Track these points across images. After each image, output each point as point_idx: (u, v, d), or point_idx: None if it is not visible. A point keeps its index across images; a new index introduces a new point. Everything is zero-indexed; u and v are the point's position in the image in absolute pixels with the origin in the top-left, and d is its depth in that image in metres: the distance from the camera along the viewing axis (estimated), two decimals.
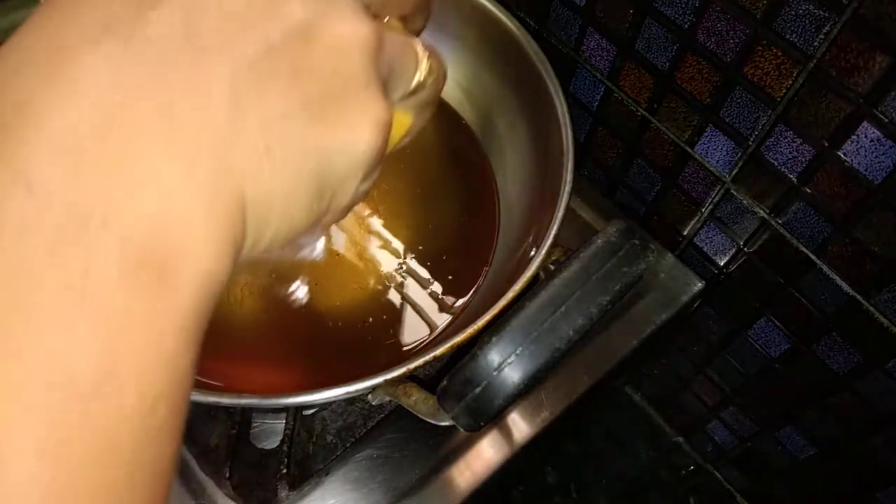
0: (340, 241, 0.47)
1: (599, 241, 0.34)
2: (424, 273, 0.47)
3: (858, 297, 0.44)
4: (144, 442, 0.15)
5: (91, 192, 0.15)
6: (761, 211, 0.47)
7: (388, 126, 0.21)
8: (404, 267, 0.47)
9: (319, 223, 0.22)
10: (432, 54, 0.24)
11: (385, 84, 0.22)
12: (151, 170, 0.16)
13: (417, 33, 0.26)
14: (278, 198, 0.18)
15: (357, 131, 0.20)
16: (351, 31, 0.19)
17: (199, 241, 0.16)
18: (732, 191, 0.48)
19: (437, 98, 0.26)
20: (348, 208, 0.25)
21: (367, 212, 0.49)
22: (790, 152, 0.42)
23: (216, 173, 0.17)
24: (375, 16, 0.22)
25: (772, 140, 0.43)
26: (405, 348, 0.44)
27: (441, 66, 0.25)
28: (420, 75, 0.24)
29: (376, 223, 0.48)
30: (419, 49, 0.24)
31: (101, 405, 0.14)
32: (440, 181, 0.51)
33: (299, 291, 0.45)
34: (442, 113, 0.54)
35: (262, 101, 0.18)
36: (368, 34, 0.19)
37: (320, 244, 0.29)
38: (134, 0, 0.17)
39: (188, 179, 0.16)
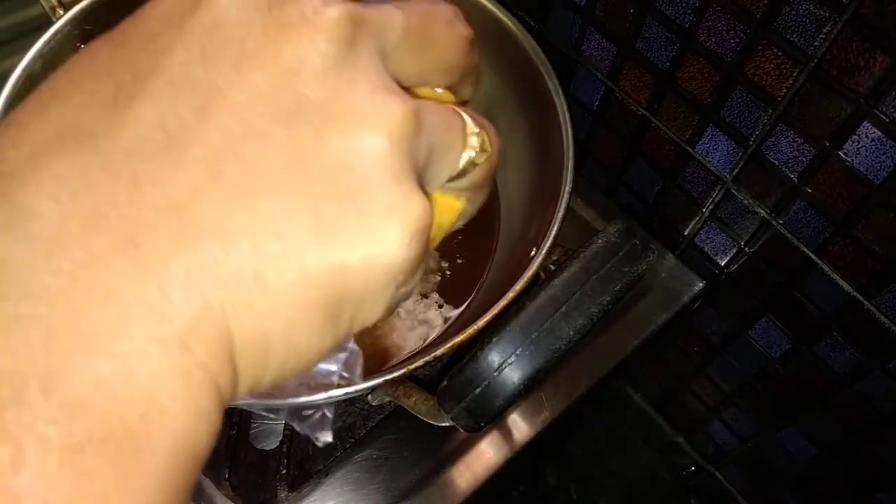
0: None
1: (600, 241, 0.34)
2: (424, 273, 0.47)
3: (859, 297, 0.44)
4: None
5: (26, 355, 0.12)
6: (762, 211, 0.47)
7: (426, 227, 0.17)
8: None
9: (346, 338, 0.18)
10: (483, 126, 0.19)
11: (424, 170, 0.17)
12: (103, 321, 0.13)
13: (464, 103, 0.21)
14: (276, 333, 0.15)
15: (381, 240, 0.15)
16: (379, 113, 0.15)
17: (172, 400, 0.13)
18: (733, 191, 0.48)
19: (490, 178, 0.21)
20: (385, 317, 0.19)
21: None
22: (791, 152, 0.42)
23: (189, 316, 0.13)
24: (411, 89, 0.18)
25: (772, 140, 0.43)
26: (405, 349, 0.44)
27: (496, 141, 0.20)
28: (469, 153, 0.19)
29: None
30: (468, 121, 0.19)
31: None
32: None
33: None
34: None
35: (251, 213, 0.14)
36: (402, 115, 0.15)
37: (358, 365, 0.26)
38: (101, 102, 0.14)
39: (153, 326, 0.13)
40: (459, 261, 0.47)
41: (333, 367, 0.24)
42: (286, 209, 0.14)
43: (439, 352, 0.34)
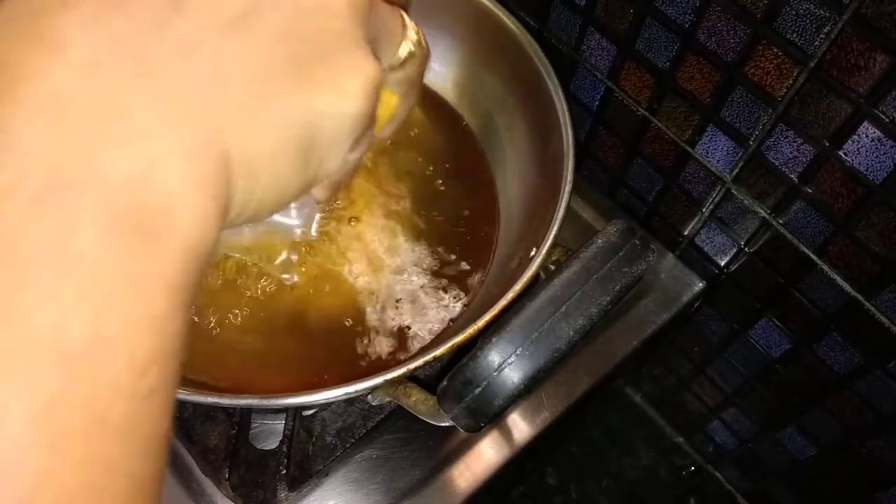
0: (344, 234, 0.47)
1: (600, 241, 0.34)
2: (424, 273, 0.47)
3: (859, 297, 0.44)
4: (136, 408, 0.15)
5: (72, 152, 0.15)
6: (762, 211, 0.47)
7: (377, 86, 0.20)
8: (404, 267, 0.47)
9: (308, 191, 0.21)
10: (419, 29, 0.24)
11: (373, 48, 0.21)
12: (134, 130, 0.15)
13: (402, 7, 0.26)
14: (264, 159, 0.18)
15: (345, 91, 0.19)
16: None
17: (185, 201, 0.16)
18: (733, 191, 0.48)
19: (420, 79, 0.26)
20: (338, 179, 0.24)
21: (369, 212, 0.49)
22: (791, 152, 0.42)
23: (200, 133, 0.16)
24: None
25: (772, 140, 0.43)
26: (405, 349, 0.44)
27: (427, 44, 0.25)
28: (407, 46, 0.24)
29: (376, 223, 0.48)
30: (407, 18, 0.24)
31: (90, 371, 0.14)
32: (440, 181, 0.51)
33: (299, 293, 0.45)
34: (442, 113, 0.54)
35: (245, 62, 0.17)
36: None
37: (314, 221, 0.30)
38: None
39: (171, 139, 0.16)
40: (459, 260, 0.47)
41: (296, 222, 0.29)
42: (272, 60, 0.18)
43: (439, 352, 0.34)
